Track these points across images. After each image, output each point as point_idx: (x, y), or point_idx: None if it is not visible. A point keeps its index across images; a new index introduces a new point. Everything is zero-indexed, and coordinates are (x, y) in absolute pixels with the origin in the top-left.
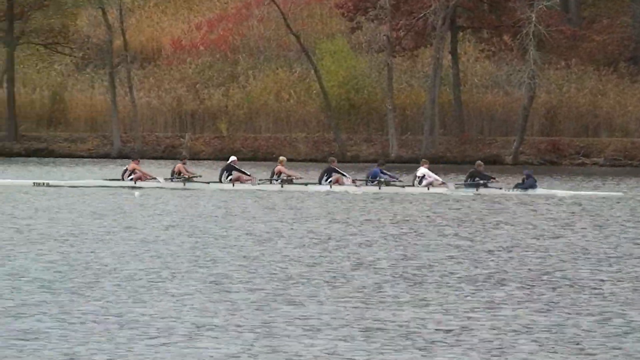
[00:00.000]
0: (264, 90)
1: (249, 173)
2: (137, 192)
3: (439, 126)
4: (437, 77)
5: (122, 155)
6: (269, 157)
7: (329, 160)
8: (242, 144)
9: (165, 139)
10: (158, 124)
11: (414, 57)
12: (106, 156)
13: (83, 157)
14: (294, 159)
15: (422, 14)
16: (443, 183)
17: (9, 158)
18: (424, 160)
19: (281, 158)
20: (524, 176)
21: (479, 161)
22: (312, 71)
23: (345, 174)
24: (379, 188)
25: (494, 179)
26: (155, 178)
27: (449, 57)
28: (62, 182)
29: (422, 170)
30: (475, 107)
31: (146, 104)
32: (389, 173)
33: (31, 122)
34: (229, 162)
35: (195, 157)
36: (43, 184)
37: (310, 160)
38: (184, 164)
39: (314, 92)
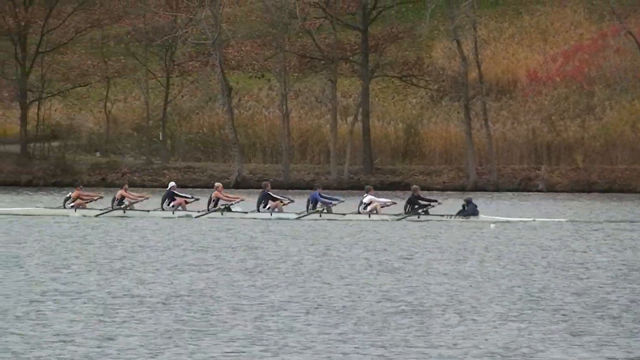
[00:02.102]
0: (620, 121)
1: (190, 196)
2: (493, 225)
3: None
4: None
5: (477, 188)
6: (625, 189)
7: (263, 185)
8: (599, 175)
9: (521, 171)
10: (513, 156)
11: None
12: (461, 189)
13: (438, 189)
14: None
15: None
16: (393, 203)
17: (363, 191)
18: (368, 186)
19: (217, 184)
20: (464, 202)
21: (415, 185)
22: None
23: (282, 197)
24: (320, 216)
25: (436, 201)
26: (101, 197)
27: None
28: (3, 210)
29: (369, 197)
30: None
31: (501, 136)
32: (327, 196)
33: (386, 155)
34: (168, 188)
35: (551, 189)
36: None
37: None
38: (126, 190)
39: None
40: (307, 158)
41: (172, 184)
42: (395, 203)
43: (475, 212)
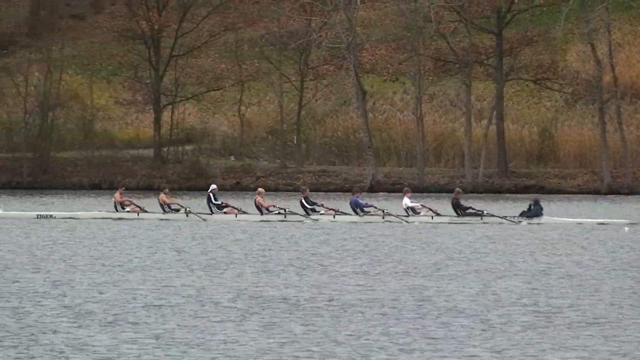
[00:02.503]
0: None
1: (226, 203)
2: (626, 228)
3: None
4: None
5: (612, 191)
6: None
7: (301, 190)
8: None
9: None
10: None
11: None
12: (596, 192)
13: (573, 193)
14: None
15: None
16: (423, 206)
17: (498, 194)
18: (406, 189)
19: (260, 189)
20: (531, 202)
21: (458, 188)
22: None
23: (318, 203)
24: (383, 218)
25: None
26: (140, 207)
27: None
28: (65, 214)
29: (406, 201)
30: None
31: (636, 140)
32: (363, 202)
33: (520, 158)
34: (209, 191)
35: None
36: (47, 216)
37: None
38: (166, 193)
39: None
40: (441, 161)
41: (213, 186)
42: (424, 206)
43: (538, 214)
